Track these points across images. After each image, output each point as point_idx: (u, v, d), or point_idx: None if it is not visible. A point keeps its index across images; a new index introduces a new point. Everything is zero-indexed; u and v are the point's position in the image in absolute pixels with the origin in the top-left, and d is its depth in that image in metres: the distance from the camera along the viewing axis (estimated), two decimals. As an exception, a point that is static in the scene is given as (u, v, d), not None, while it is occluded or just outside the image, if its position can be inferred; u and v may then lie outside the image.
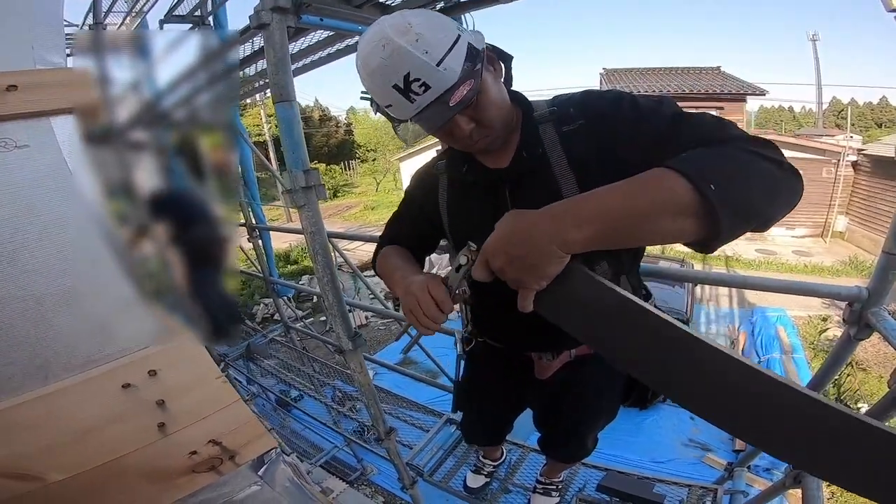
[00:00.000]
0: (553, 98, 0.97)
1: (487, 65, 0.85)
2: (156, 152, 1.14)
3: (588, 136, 0.87)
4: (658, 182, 0.61)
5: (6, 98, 0.94)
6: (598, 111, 0.87)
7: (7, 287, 0.92)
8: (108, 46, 1.15)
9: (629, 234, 0.62)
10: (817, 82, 21.46)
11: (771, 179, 0.64)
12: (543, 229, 0.62)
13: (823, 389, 1.60)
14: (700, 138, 0.71)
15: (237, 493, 0.93)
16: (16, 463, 0.83)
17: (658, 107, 0.82)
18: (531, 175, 0.94)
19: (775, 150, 0.67)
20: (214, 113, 1.15)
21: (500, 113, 0.89)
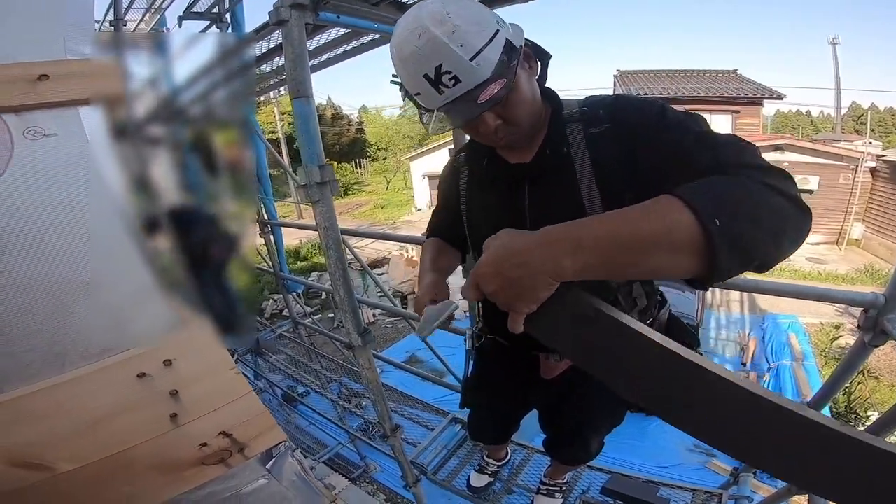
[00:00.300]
0: (585, 98, 0.96)
1: (523, 62, 0.84)
2: (172, 148, 1.16)
3: (613, 140, 0.87)
4: (662, 213, 0.57)
5: (37, 87, 0.96)
6: (625, 116, 0.86)
7: (30, 271, 0.93)
8: (128, 44, 1.18)
9: (624, 266, 0.59)
10: (836, 86, 21.09)
11: (781, 218, 0.60)
12: (537, 255, 0.58)
13: (834, 396, 1.58)
14: (718, 162, 0.69)
15: (244, 487, 0.94)
16: (27, 452, 0.85)
17: (685, 120, 0.80)
18: (552, 173, 0.94)
19: (792, 183, 0.65)
20: (230, 109, 1.17)
21: (529, 111, 0.88)
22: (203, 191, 1.24)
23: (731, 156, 0.69)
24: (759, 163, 0.67)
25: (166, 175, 1.16)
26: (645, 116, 0.83)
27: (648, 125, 0.82)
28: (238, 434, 0.95)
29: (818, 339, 7.21)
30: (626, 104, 0.88)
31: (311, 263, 13.05)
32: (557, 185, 0.93)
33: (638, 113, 0.85)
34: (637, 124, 0.84)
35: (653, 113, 0.83)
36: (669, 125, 0.80)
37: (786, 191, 0.61)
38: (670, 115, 0.82)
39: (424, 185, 20.88)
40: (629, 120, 0.85)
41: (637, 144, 0.83)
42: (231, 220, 1.24)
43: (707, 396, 0.55)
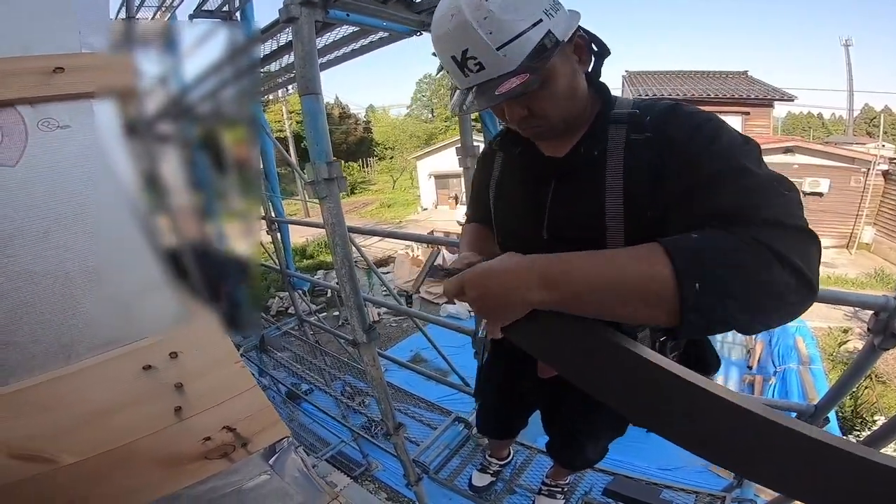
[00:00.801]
0: (639, 100, 0.88)
1: (573, 54, 0.81)
2: (180, 144, 1.17)
3: (649, 151, 0.79)
4: (643, 265, 0.58)
5: (53, 80, 0.97)
6: (669, 129, 0.78)
7: (38, 263, 0.94)
8: (139, 39, 1.19)
9: (594, 309, 0.61)
10: (849, 89, 20.82)
11: (773, 299, 0.57)
12: (517, 281, 0.64)
13: (842, 400, 1.57)
14: (738, 211, 0.62)
15: (247, 482, 0.94)
16: (29, 444, 0.85)
17: (733, 149, 0.71)
18: (583, 173, 0.87)
19: (809, 249, 0.60)
20: (238, 107, 1.18)
21: (562, 106, 0.83)
22: (210, 188, 1.25)
23: (754, 208, 0.62)
24: (782, 220, 0.60)
25: (175, 170, 1.18)
26: (690, 135, 0.75)
27: (690, 146, 0.74)
28: (242, 429, 0.95)
29: (826, 343, 7.15)
30: (678, 117, 0.79)
31: (317, 261, 13.11)
32: (583, 187, 0.87)
33: (685, 130, 0.76)
34: (678, 142, 0.75)
35: (702, 135, 0.74)
36: (713, 153, 0.71)
37: (795, 262, 0.56)
38: (724, 141, 0.72)
39: (431, 184, 20.89)
40: (672, 135, 0.77)
41: (669, 163, 0.75)
42: (237, 216, 1.25)
43: (680, 405, 0.55)
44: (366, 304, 2.01)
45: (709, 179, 0.68)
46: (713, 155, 0.71)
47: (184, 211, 1.19)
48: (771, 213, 0.60)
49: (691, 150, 0.73)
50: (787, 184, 0.67)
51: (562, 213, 0.90)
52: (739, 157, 0.69)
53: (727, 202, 0.64)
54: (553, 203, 0.92)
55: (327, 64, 3.02)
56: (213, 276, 1.18)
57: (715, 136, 0.73)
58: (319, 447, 4.41)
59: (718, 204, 0.65)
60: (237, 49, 1.19)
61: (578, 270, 0.61)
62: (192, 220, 1.19)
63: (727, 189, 0.66)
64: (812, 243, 0.60)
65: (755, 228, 0.58)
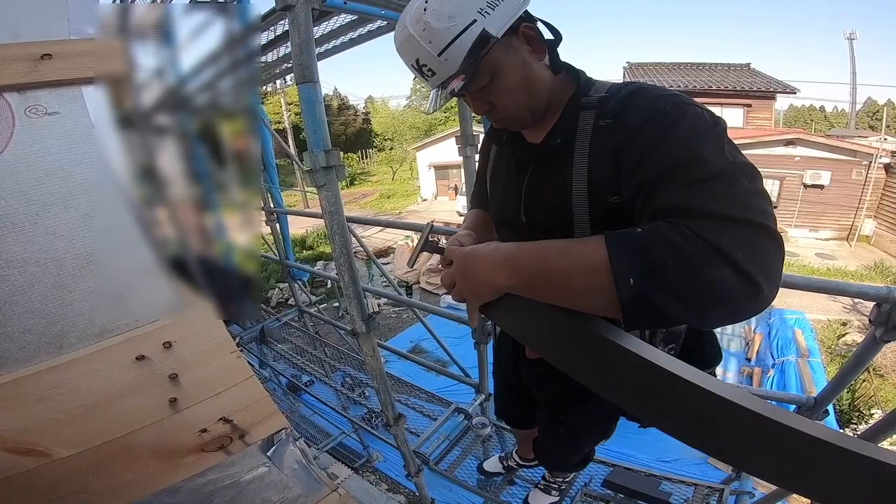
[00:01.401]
0: (612, 84, 0.87)
1: (523, 44, 0.83)
2: (177, 135, 1.15)
3: (610, 137, 0.78)
4: (583, 258, 0.61)
5: (40, 66, 0.96)
6: (629, 116, 0.76)
7: (28, 249, 0.93)
8: (133, 27, 1.16)
9: (546, 294, 0.65)
10: (852, 82, 20.65)
11: (711, 298, 0.55)
12: (486, 269, 0.71)
13: (841, 392, 1.57)
14: (687, 204, 0.60)
15: (245, 474, 0.94)
16: (23, 437, 0.85)
17: (693, 138, 0.67)
18: (553, 160, 0.89)
19: (762, 249, 0.56)
20: (236, 98, 1.16)
21: (519, 98, 0.85)
22: (208, 179, 1.23)
23: (702, 200, 0.59)
24: (732, 214, 0.57)
25: (171, 161, 1.16)
26: (646, 122, 0.72)
27: (644, 133, 0.71)
28: (239, 420, 0.94)
29: (825, 335, 7.17)
30: (635, 102, 0.77)
31: (316, 252, 13.09)
32: (552, 174, 0.88)
33: (641, 116, 0.74)
34: (633, 128, 0.73)
35: (658, 122, 0.71)
36: (669, 142, 0.68)
37: (739, 260, 0.54)
38: (682, 127, 0.69)
39: (430, 175, 20.81)
40: (627, 121, 0.75)
41: (625, 150, 0.74)
42: (235, 207, 1.23)
43: (637, 380, 0.56)
44: (365, 295, 2.00)
45: (661, 170, 0.66)
46: (668, 143, 0.68)
47: (181, 201, 1.17)
48: (719, 206, 0.58)
49: (646, 137, 0.71)
50: (749, 172, 0.63)
51: (534, 199, 0.93)
52: (697, 145, 0.66)
53: (675, 195, 0.63)
54: (527, 189, 0.95)
55: (325, 54, 2.98)
56: (211, 265, 1.17)
57: (672, 123, 0.70)
58: (320, 438, 4.43)
59: (668, 197, 0.63)
60: (235, 37, 1.16)
61: (532, 258, 0.67)
62: (188, 210, 1.17)
63: (677, 181, 0.64)
64: (767, 240, 0.57)
65: (699, 223, 0.56)
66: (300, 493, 0.97)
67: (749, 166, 0.64)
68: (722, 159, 0.64)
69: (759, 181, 0.63)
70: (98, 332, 1.00)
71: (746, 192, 0.60)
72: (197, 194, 1.21)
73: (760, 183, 0.63)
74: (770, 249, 0.57)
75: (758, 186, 0.62)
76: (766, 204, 0.61)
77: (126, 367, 0.98)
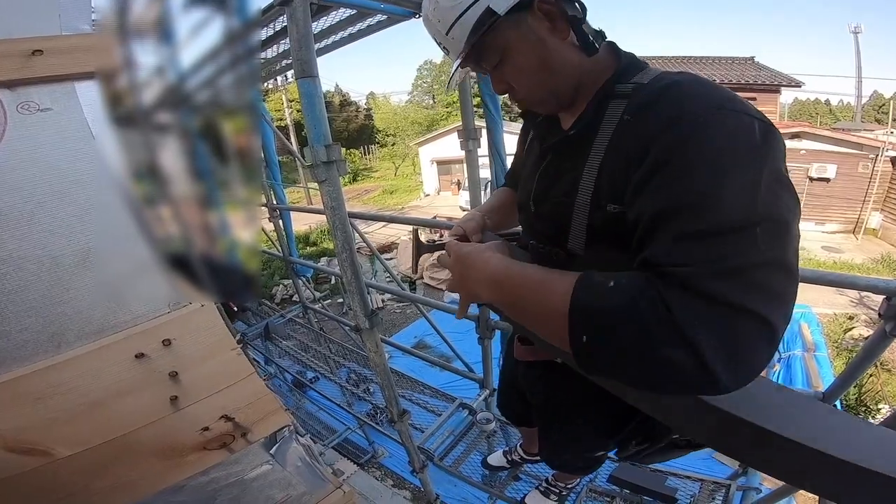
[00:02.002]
0: (662, 72, 0.74)
1: (542, 21, 0.73)
2: (179, 135, 1.14)
3: (629, 137, 0.68)
4: (549, 300, 0.60)
5: (31, 62, 0.95)
6: (647, 117, 0.65)
7: (24, 246, 0.93)
8: (129, 24, 1.15)
9: (522, 322, 0.69)
10: (857, 76, 20.44)
11: (661, 374, 0.51)
12: (475, 278, 0.73)
13: (850, 387, 1.55)
14: (672, 260, 0.52)
15: (248, 472, 0.94)
16: (24, 437, 0.84)
17: (714, 163, 0.55)
18: (569, 152, 0.81)
19: (727, 338, 0.49)
20: (237, 94, 1.15)
21: (534, 79, 0.78)
22: (209, 176, 1.22)
23: (697, 268, 0.50)
24: (725, 297, 0.49)
25: (171, 159, 1.15)
26: (671, 131, 0.59)
27: (662, 145, 0.59)
28: (240, 418, 0.94)
29: (831, 329, 7.12)
30: (669, 100, 0.64)
31: (320, 249, 13.11)
32: (566, 166, 0.81)
33: (667, 120, 0.61)
34: (654, 135, 0.61)
35: (685, 133, 0.58)
36: (689, 162, 0.56)
37: (705, 353, 0.48)
38: (714, 145, 0.56)
39: (433, 170, 20.79)
40: (651, 123, 0.63)
41: (637, 157, 0.63)
42: (235, 203, 1.22)
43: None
44: (369, 291, 1.99)
45: (663, 206, 0.56)
46: (684, 164, 0.56)
47: (179, 197, 1.16)
48: (710, 283, 0.49)
49: (661, 148, 0.59)
50: (774, 230, 0.52)
51: (544, 190, 0.88)
52: (720, 175, 0.54)
53: (667, 249, 0.54)
54: (539, 178, 0.90)
55: (325, 49, 2.96)
56: (211, 260, 1.16)
57: (699, 135, 0.57)
58: (326, 435, 4.45)
59: (659, 248, 0.55)
60: (234, 34, 1.15)
61: (511, 287, 0.68)
62: (187, 205, 1.16)
63: (677, 228, 0.54)
64: (755, 334, 0.49)
65: (677, 296, 0.49)
66: (304, 491, 0.97)
67: (777, 222, 0.52)
68: (745, 204, 0.52)
69: (784, 242, 0.53)
70: (96, 330, 0.99)
71: (756, 264, 0.50)
72: (196, 190, 1.20)
73: (787, 242, 0.53)
74: (755, 346, 0.50)
75: (777, 254, 0.51)
76: (780, 278, 0.51)
77: (125, 365, 0.97)
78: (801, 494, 2.93)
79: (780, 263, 0.51)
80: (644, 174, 0.60)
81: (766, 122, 0.59)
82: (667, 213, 0.55)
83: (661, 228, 0.55)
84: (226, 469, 0.92)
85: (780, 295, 0.51)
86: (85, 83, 1.00)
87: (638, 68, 0.77)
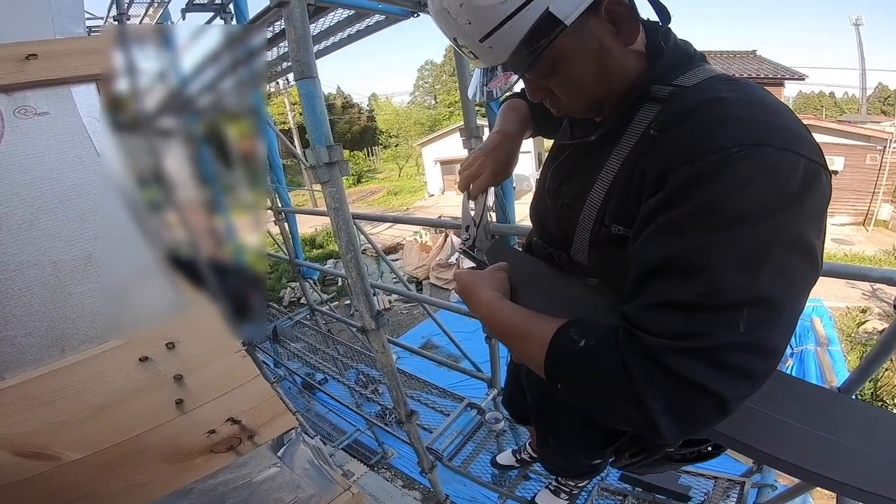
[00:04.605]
0: (715, 76, 0.63)
1: (607, 25, 0.61)
2: (184, 140, 1.14)
3: (648, 156, 0.60)
4: (533, 349, 0.62)
5: (26, 67, 0.95)
6: (672, 136, 0.56)
7: (26, 252, 0.93)
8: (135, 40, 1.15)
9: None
10: (861, 68, 20.23)
11: (622, 424, 0.56)
12: (473, 302, 0.76)
13: (865, 381, 1.52)
14: (648, 322, 0.50)
15: (256, 475, 0.94)
16: (31, 441, 0.84)
17: (733, 220, 0.48)
18: (588, 154, 0.74)
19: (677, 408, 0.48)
20: (240, 98, 1.14)
21: (583, 91, 0.67)
22: (213, 180, 1.22)
23: (666, 341, 0.48)
24: (685, 375, 0.46)
25: (174, 164, 1.14)
26: (689, 166, 0.51)
27: (676, 181, 0.52)
28: (247, 420, 0.93)
29: (844, 323, 7.03)
30: (697, 123, 0.55)
31: (327, 251, 13.15)
32: (584, 166, 0.73)
33: (688, 151, 0.52)
34: (670, 165, 0.54)
35: (703, 173, 0.50)
36: (694, 211, 0.50)
37: (655, 415, 0.48)
38: (730, 196, 0.49)
39: (437, 170, 20.80)
40: (670, 149, 0.55)
41: (650, 184, 0.56)
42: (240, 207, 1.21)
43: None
44: (375, 292, 1.99)
45: (654, 259, 0.52)
46: (688, 214, 0.50)
47: (181, 201, 1.16)
48: (674, 359, 0.47)
49: (675, 184, 0.52)
50: (761, 318, 0.47)
51: (557, 184, 0.82)
52: (722, 238, 0.48)
53: (643, 310, 0.51)
54: (553, 174, 0.84)
55: (324, 51, 2.97)
56: (216, 265, 1.15)
57: (718, 182, 0.49)
58: (336, 436, 4.46)
59: (637, 306, 0.52)
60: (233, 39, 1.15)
61: (499, 327, 0.71)
62: (188, 209, 1.16)
63: (657, 290, 0.51)
64: (703, 406, 0.48)
65: (638, 361, 0.49)
66: (312, 493, 0.96)
67: (771, 304, 0.48)
68: (740, 282, 0.47)
69: (771, 324, 0.48)
70: (100, 334, 0.99)
71: (729, 345, 0.47)
72: (196, 193, 1.20)
73: (775, 323, 0.48)
74: (703, 415, 0.49)
75: (757, 337, 0.47)
76: (753, 359, 0.48)
77: (130, 369, 0.97)
78: (818, 491, 2.89)
79: (757, 347, 0.48)
80: (654, 207, 0.54)
81: (817, 162, 0.50)
82: (657, 267, 0.52)
83: (646, 285, 0.52)
84: (233, 472, 0.92)
85: (747, 374, 0.48)
86: (81, 87, 1.01)
87: (688, 64, 0.65)
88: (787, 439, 0.62)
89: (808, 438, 0.61)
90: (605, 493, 2.20)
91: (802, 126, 0.53)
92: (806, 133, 0.52)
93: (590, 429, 1.00)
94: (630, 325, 0.52)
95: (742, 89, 0.57)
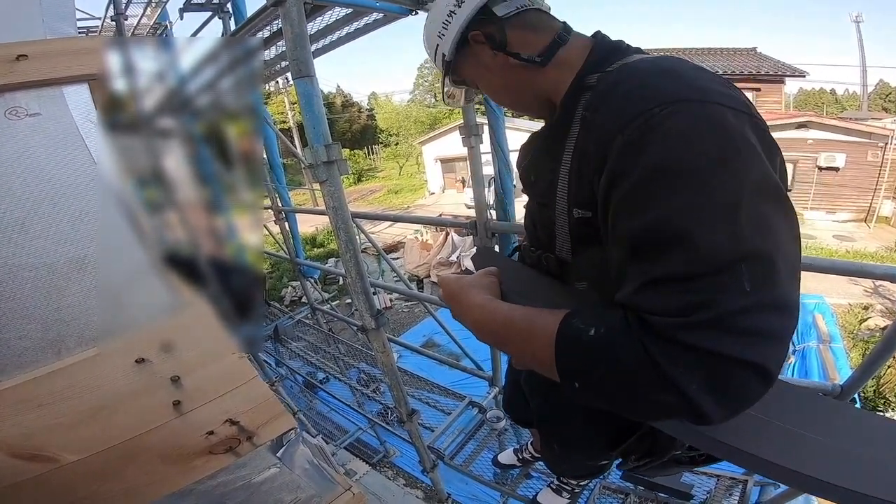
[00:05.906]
0: (636, 60, 0.65)
1: (482, 48, 0.76)
2: (179, 140, 1.13)
3: (588, 137, 0.61)
4: (538, 351, 0.57)
5: (16, 67, 0.94)
6: (601, 112, 0.58)
7: (19, 255, 0.92)
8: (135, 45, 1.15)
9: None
10: (862, 65, 20.17)
11: (650, 413, 0.52)
12: (462, 316, 0.72)
13: (869, 379, 1.51)
14: (647, 303, 0.47)
15: (256, 476, 0.93)
16: (28, 443, 0.84)
17: (690, 178, 0.47)
18: (548, 143, 0.76)
19: (713, 381, 0.44)
20: (238, 98, 1.14)
21: (503, 98, 0.87)
22: (211, 180, 1.21)
23: (676, 319, 0.44)
24: (710, 348, 0.43)
25: (171, 164, 1.14)
26: (620, 136, 0.51)
27: (614, 154, 0.52)
28: (245, 421, 0.93)
29: (846, 320, 7.01)
30: (618, 95, 0.57)
31: (327, 250, 13.16)
32: (546, 158, 0.75)
33: (616, 122, 0.53)
34: (603, 140, 0.54)
35: (636, 140, 0.50)
36: (644, 179, 0.49)
37: (692, 394, 0.44)
38: (671, 156, 0.48)
39: (437, 168, 20.78)
40: (602, 125, 0.56)
41: (590, 164, 0.57)
42: (238, 207, 1.21)
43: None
44: (376, 291, 1.99)
45: (625, 232, 0.50)
46: (640, 182, 0.48)
47: (177, 201, 1.15)
48: (690, 334, 0.44)
49: (614, 159, 0.52)
50: (760, 268, 0.44)
51: (529, 178, 0.83)
52: (688, 201, 0.46)
53: (638, 291, 0.48)
54: (528, 165, 0.85)
55: (322, 50, 2.95)
56: (215, 268, 1.15)
57: (652, 143, 0.48)
58: (338, 435, 4.47)
59: (631, 289, 0.49)
60: (231, 38, 1.14)
61: (496, 332, 0.67)
62: (188, 210, 1.15)
63: (645, 269, 0.48)
64: (743, 377, 0.44)
65: (657, 343, 0.45)
66: (313, 493, 0.96)
67: (764, 258, 0.45)
68: (723, 238, 0.44)
69: (774, 274, 0.45)
70: (95, 336, 0.99)
71: (743, 309, 0.43)
72: (191, 192, 1.20)
73: (778, 272, 0.45)
74: (746, 387, 0.45)
75: (766, 293, 0.44)
76: (772, 317, 0.44)
77: (126, 371, 0.97)
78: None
79: (771, 303, 0.44)
80: (605, 187, 0.54)
81: (745, 111, 0.50)
82: (633, 248, 0.49)
83: (630, 270, 0.50)
84: (233, 473, 0.91)
85: (773, 335, 0.45)
86: (72, 87, 1.00)
87: (619, 55, 0.68)
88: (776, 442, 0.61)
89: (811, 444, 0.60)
90: (607, 491, 2.20)
91: (723, 84, 0.54)
92: (725, 90, 0.52)
93: (595, 432, 0.99)
94: (634, 308, 0.48)
95: (658, 59, 0.61)
